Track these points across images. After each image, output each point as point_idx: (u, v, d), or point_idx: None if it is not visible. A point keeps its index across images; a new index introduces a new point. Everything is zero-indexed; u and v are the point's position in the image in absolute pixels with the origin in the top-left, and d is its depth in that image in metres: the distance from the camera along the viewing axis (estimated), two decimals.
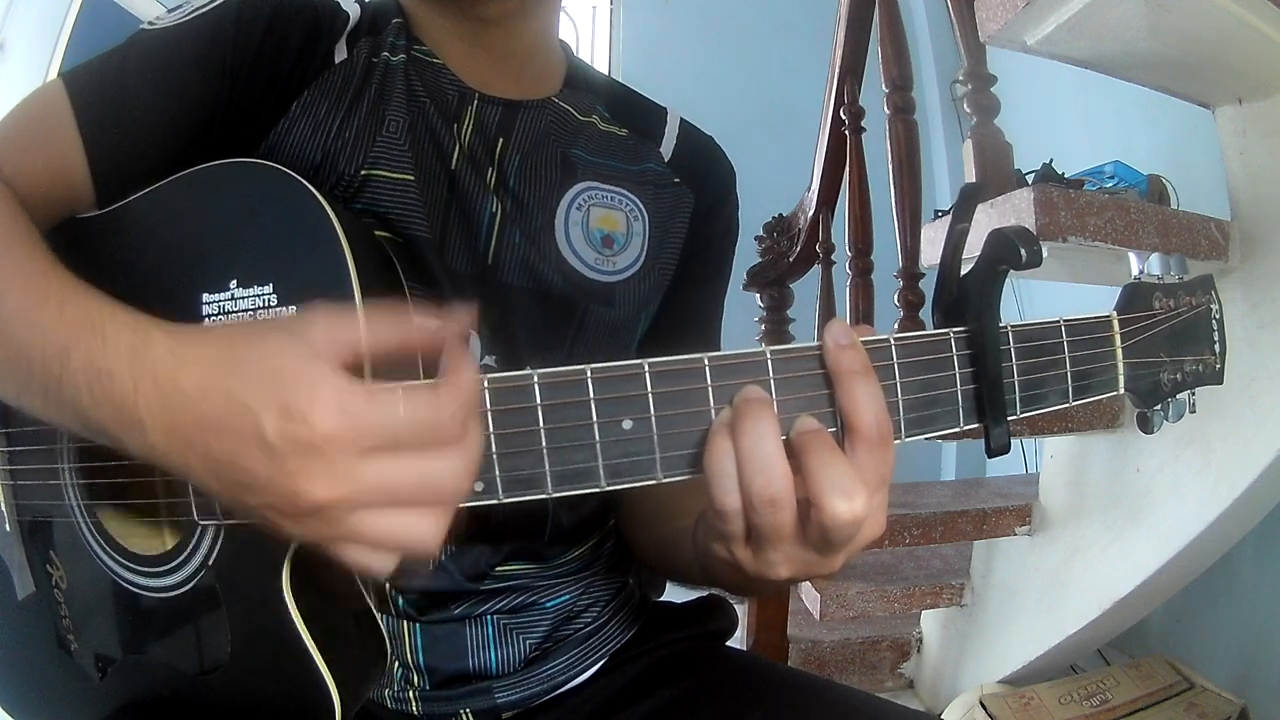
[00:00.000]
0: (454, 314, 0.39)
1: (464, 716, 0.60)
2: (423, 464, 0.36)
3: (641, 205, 0.67)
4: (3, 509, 0.58)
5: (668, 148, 0.71)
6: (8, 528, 0.57)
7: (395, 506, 0.36)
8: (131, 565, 0.52)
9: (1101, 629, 1.43)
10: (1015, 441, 0.42)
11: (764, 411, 0.39)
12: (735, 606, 0.75)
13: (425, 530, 0.37)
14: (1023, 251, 0.39)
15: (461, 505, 0.39)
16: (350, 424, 0.34)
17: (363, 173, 0.58)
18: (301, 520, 0.36)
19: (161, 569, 0.50)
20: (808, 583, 1.61)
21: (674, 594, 0.76)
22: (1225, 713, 1.33)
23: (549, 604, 0.64)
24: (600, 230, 0.65)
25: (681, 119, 0.74)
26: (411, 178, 0.58)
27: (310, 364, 0.35)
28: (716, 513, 0.40)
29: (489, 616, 0.61)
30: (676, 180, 0.70)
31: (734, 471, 0.39)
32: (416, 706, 0.60)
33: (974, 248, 0.43)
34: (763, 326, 1.96)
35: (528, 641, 0.62)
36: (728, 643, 0.72)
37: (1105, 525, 1.36)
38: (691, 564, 0.51)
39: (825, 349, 0.40)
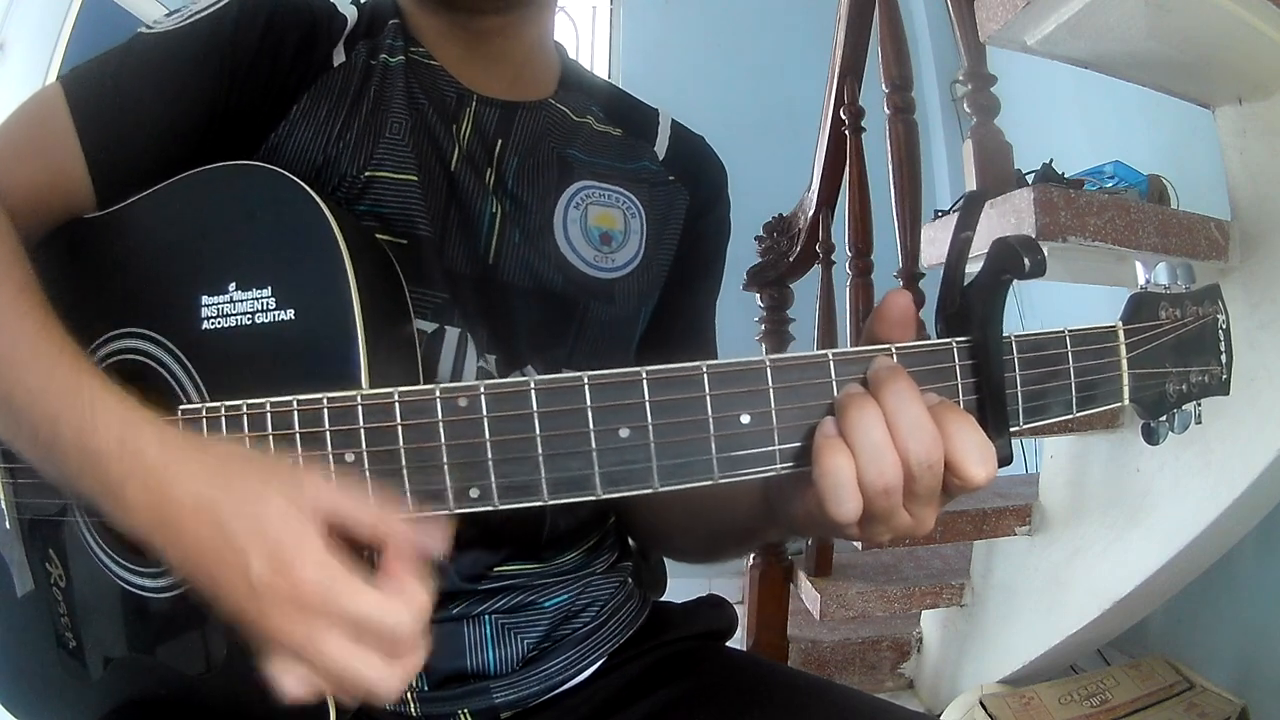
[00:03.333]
0: (433, 528, 0.41)
1: (462, 717, 0.60)
2: (370, 662, 0.39)
3: (638, 203, 0.68)
4: (2, 507, 0.58)
5: (661, 147, 0.72)
6: (7, 525, 0.57)
7: (332, 673, 0.39)
8: (129, 564, 0.52)
9: (1101, 629, 1.43)
10: (1015, 441, 0.41)
11: (869, 404, 0.39)
12: (735, 607, 0.75)
13: (345, 699, 0.40)
14: (1026, 261, 0.39)
15: (457, 512, 0.40)
16: (328, 594, 0.38)
17: (366, 174, 0.58)
18: (254, 638, 0.39)
19: (159, 568, 0.50)
20: (808, 583, 1.61)
21: (674, 594, 0.76)
22: (1225, 713, 1.33)
23: (547, 604, 0.64)
24: (598, 228, 0.65)
25: (673, 120, 0.75)
26: (415, 178, 0.59)
27: (301, 525, 0.38)
28: (833, 524, 0.40)
29: (487, 616, 0.61)
30: (671, 178, 0.71)
31: (852, 475, 0.39)
32: (414, 707, 0.60)
33: (976, 249, 0.42)
34: (763, 326, 1.95)
35: (526, 641, 0.62)
36: (727, 643, 0.72)
37: (1105, 525, 1.36)
38: (737, 538, 0.53)
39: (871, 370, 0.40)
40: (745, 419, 0.40)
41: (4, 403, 0.43)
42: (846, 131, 1.70)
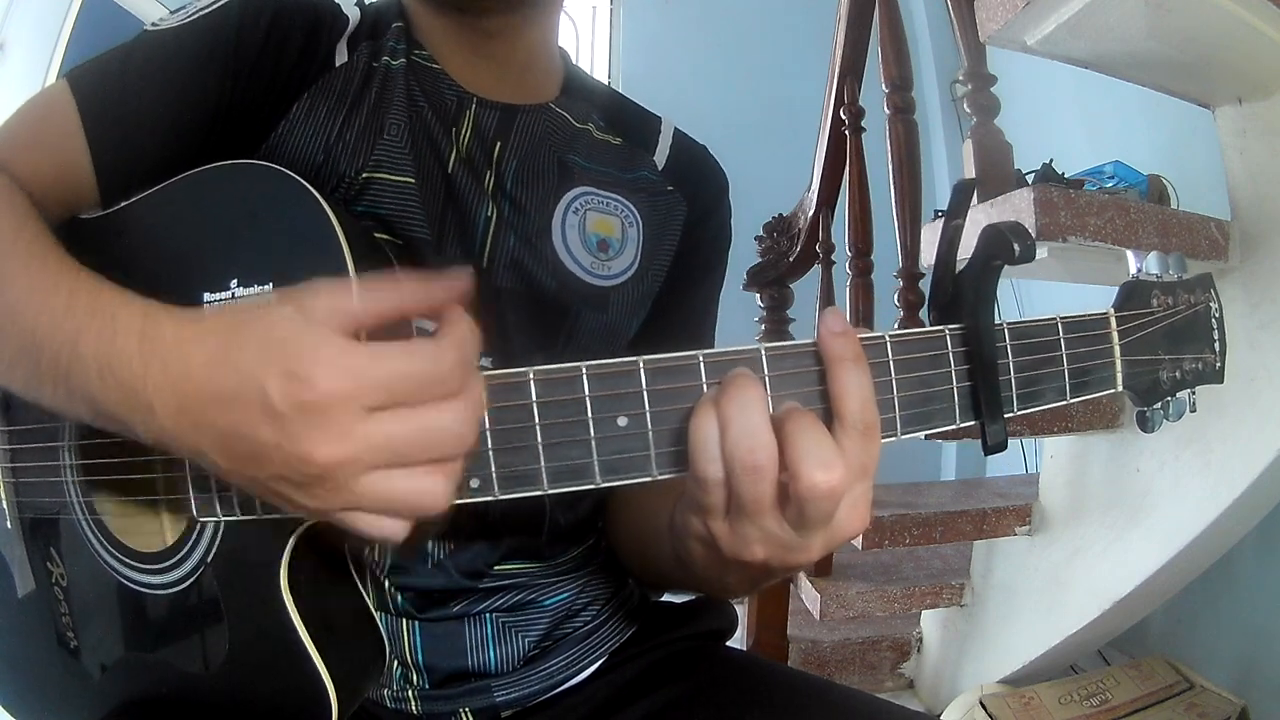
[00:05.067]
0: (448, 278, 0.39)
1: (463, 715, 0.60)
2: (426, 418, 0.36)
3: (636, 212, 0.68)
4: (4, 506, 0.58)
5: (661, 156, 0.72)
6: (9, 524, 0.58)
7: (402, 465, 0.36)
8: (131, 562, 0.52)
9: (1101, 629, 1.43)
10: (1015, 441, 0.42)
11: (752, 383, 0.38)
12: (735, 607, 0.75)
13: (434, 488, 0.37)
14: (1015, 246, 0.39)
15: (458, 502, 0.40)
16: (352, 382, 0.35)
17: (364, 175, 0.58)
18: (311, 488, 0.36)
19: (161, 566, 0.50)
20: (808, 583, 1.61)
21: (672, 594, 0.76)
22: (1225, 713, 1.33)
23: (548, 602, 0.64)
24: (596, 235, 0.65)
25: (675, 128, 0.75)
26: (413, 180, 0.59)
27: (311, 329, 0.35)
28: (697, 482, 0.39)
29: (488, 615, 0.61)
30: (670, 188, 0.71)
31: (717, 438, 0.38)
32: (416, 705, 0.60)
33: (969, 247, 0.43)
34: (763, 326, 1.96)
35: (526, 640, 0.62)
36: (727, 643, 0.72)
37: (1105, 525, 1.36)
38: (670, 559, 0.50)
39: (819, 335, 0.40)
40: None
41: (27, 340, 0.42)
42: (846, 131, 1.70)
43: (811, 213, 1.84)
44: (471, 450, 0.38)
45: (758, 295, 1.97)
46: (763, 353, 0.40)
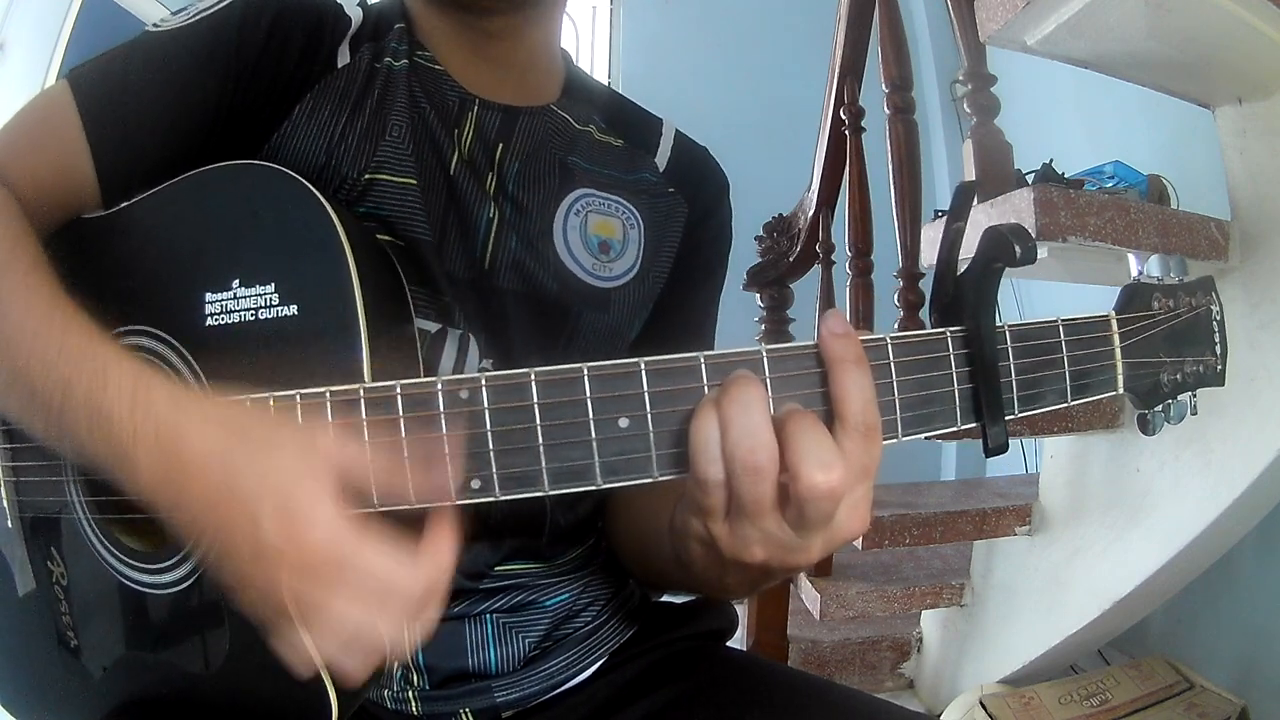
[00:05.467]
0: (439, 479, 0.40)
1: (464, 716, 0.60)
2: (379, 623, 0.38)
3: (637, 214, 0.68)
4: (4, 505, 0.58)
5: (663, 158, 0.72)
6: (9, 524, 0.58)
7: (339, 639, 0.38)
8: (131, 562, 0.52)
9: (1101, 629, 1.43)
10: (1015, 441, 0.42)
11: (753, 384, 0.39)
12: (735, 607, 0.75)
13: (354, 671, 0.40)
14: (1017, 248, 0.39)
15: (460, 503, 0.40)
16: (338, 558, 0.37)
17: (366, 177, 0.58)
18: (260, 605, 0.39)
19: (161, 565, 0.50)
20: (808, 583, 1.61)
21: (672, 595, 0.76)
22: (1225, 713, 1.33)
23: (548, 603, 0.64)
24: (598, 236, 0.65)
25: (676, 130, 0.75)
26: (415, 182, 0.59)
27: (313, 482, 0.37)
28: (698, 483, 0.39)
29: (488, 615, 0.61)
30: (671, 190, 0.71)
31: (718, 439, 0.38)
32: (416, 706, 0.60)
33: (971, 248, 0.43)
34: (763, 326, 1.96)
35: (527, 640, 0.62)
36: (727, 643, 0.72)
37: (1105, 525, 1.36)
38: (669, 560, 0.50)
39: (820, 337, 0.40)
40: None
41: (19, 373, 0.43)
42: (846, 131, 1.70)
43: (811, 213, 1.84)
44: (474, 451, 0.39)
45: (758, 295, 1.97)
46: (764, 354, 0.40)
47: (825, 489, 0.37)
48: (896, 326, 1.41)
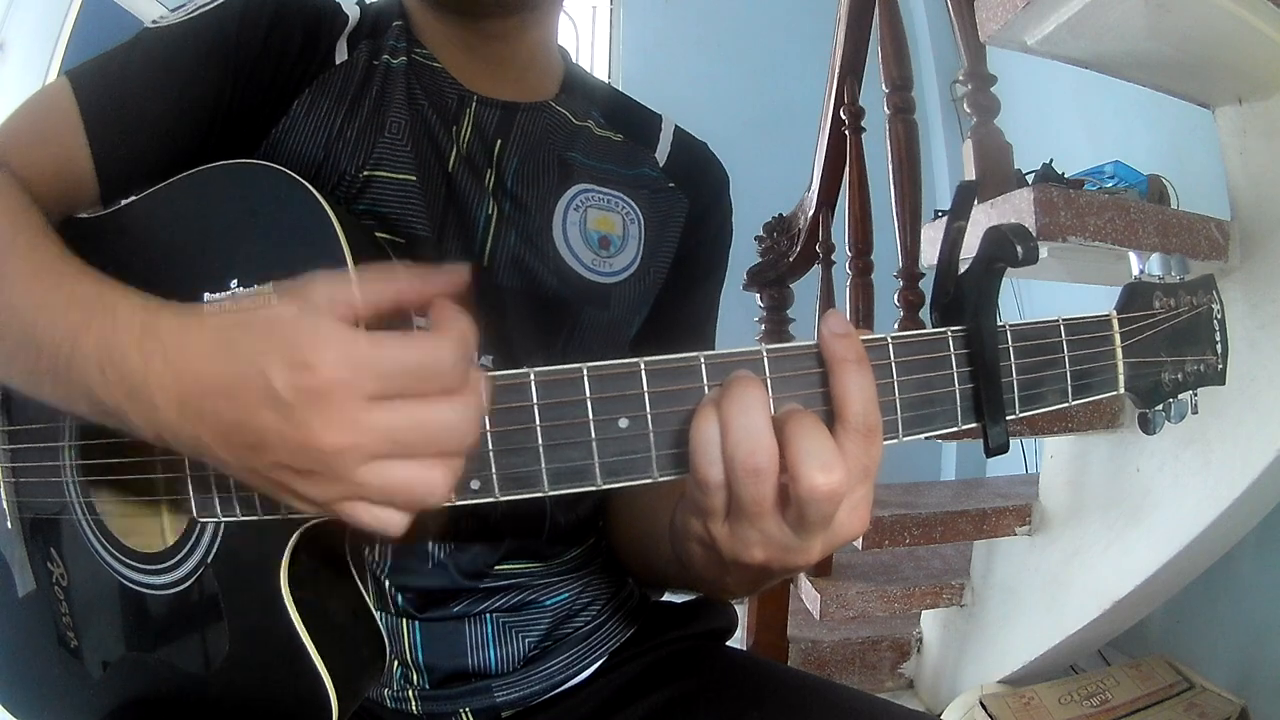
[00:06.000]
0: (447, 272, 0.39)
1: (464, 716, 0.60)
2: (427, 410, 0.36)
3: (637, 209, 0.68)
4: (4, 505, 0.58)
5: (662, 153, 0.72)
6: (9, 525, 0.58)
7: (403, 456, 0.36)
8: (131, 562, 0.52)
9: (1101, 629, 1.43)
10: (1015, 441, 0.41)
11: (753, 385, 0.38)
12: (735, 607, 0.75)
13: (433, 480, 0.37)
14: (1018, 248, 0.39)
15: (458, 503, 0.40)
16: (356, 370, 0.35)
17: (365, 173, 0.58)
18: (312, 477, 0.36)
19: (161, 566, 0.50)
20: (808, 583, 1.61)
21: (674, 594, 0.76)
22: (1225, 713, 1.33)
23: (548, 602, 0.64)
24: (597, 232, 0.65)
25: (676, 125, 0.75)
26: (414, 178, 0.59)
27: (314, 318, 0.36)
28: (698, 484, 0.39)
29: (488, 615, 0.61)
30: (671, 185, 0.70)
31: (718, 440, 0.38)
32: (416, 705, 0.60)
33: (971, 248, 0.43)
34: (763, 326, 1.96)
35: (527, 640, 0.62)
36: (727, 643, 0.72)
37: (1105, 525, 1.36)
38: (669, 559, 0.50)
39: (821, 337, 0.40)
40: None
41: (27, 335, 0.42)
42: (846, 131, 1.70)
43: (811, 213, 1.84)
44: (472, 451, 0.38)
45: (758, 295, 1.97)
46: (764, 354, 0.40)
47: (826, 490, 0.37)
48: (896, 326, 1.41)
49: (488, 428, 0.39)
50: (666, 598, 0.74)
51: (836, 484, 0.37)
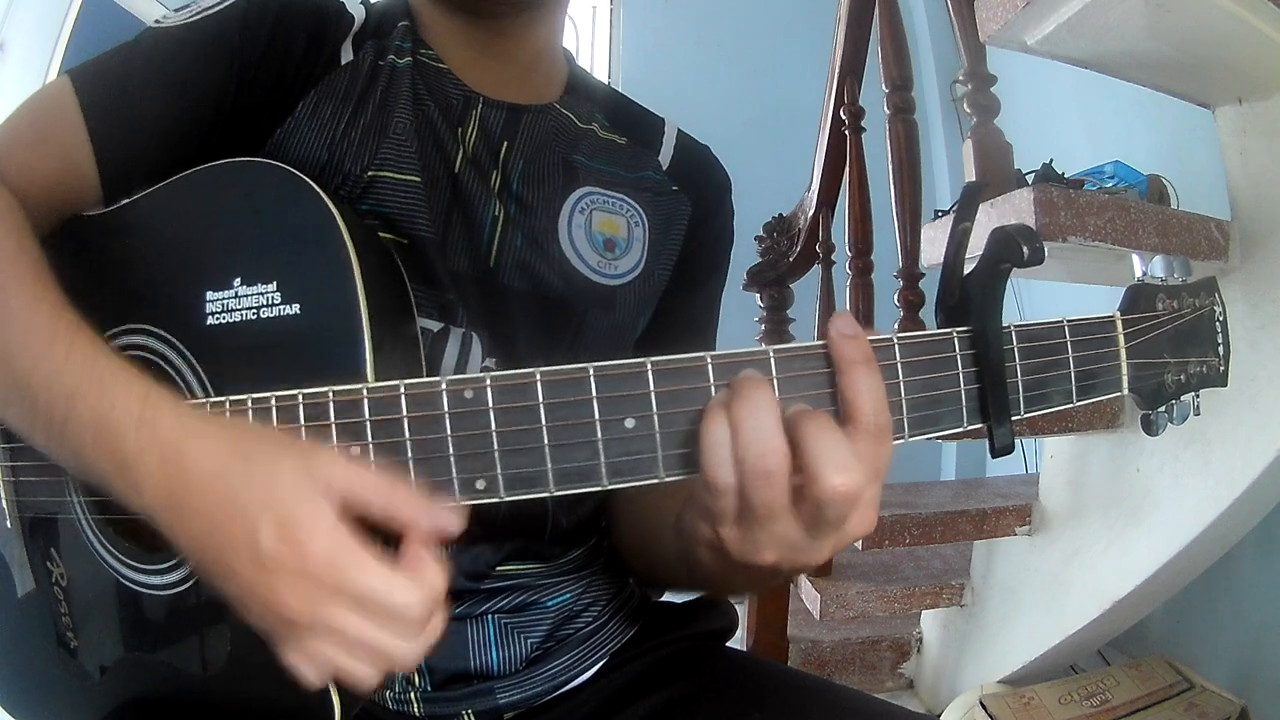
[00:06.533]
0: (441, 514, 0.40)
1: (466, 717, 0.60)
2: (379, 635, 0.39)
3: (641, 211, 0.68)
4: (3, 505, 0.58)
5: (665, 156, 0.72)
6: (8, 524, 0.57)
7: (346, 649, 0.39)
8: (132, 562, 0.52)
9: (1101, 629, 1.43)
10: (1015, 441, 0.41)
11: (762, 386, 0.38)
12: (735, 607, 0.75)
13: (363, 678, 0.40)
14: (1025, 249, 0.39)
15: (464, 503, 0.40)
16: (335, 570, 0.37)
17: (369, 173, 0.58)
18: (263, 618, 0.39)
19: (161, 566, 0.50)
20: (808, 583, 1.61)
21: (674, 594, 0.76)
22: (1225, 713, 1.33)
23: (550, 603, 0.64)
24: (602, 234, 0.65)
25: (678, 129, 0.75)
26: (418, 179, 0.59)
27: (313, 497, 0.38)
28: (709, 487, 0.39)
29: (490, 616, 0.61)
30: (674, 188, 0.71)
31: (729, 443, 0.38)
32: (418, 708, 0.60)
33: (975, 249, 0.43)
34: (763, 326, 1.96)
35: (529, 641, 0.62)
36: (727, 643, 0.72)
37: (1105, 525, 1.36)
38: (673, 559, 0.50)
39: (830, 339, 0.40)
40: None
41: (21, 383, 0.43)
42: (846, 131, 1.70)
43: (811, 213, 1.84)
44: (478, 452, 0.39)
45: (758, 295, 1.96)
46: (771, 355, 0.40)
47: (844, 492, 0.37)
48: (896, 326, 1.41)
49: (493, 427, 0.39)
50: (667, 598, 0.74)
51: (855, 485, 0.37)
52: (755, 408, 0.38)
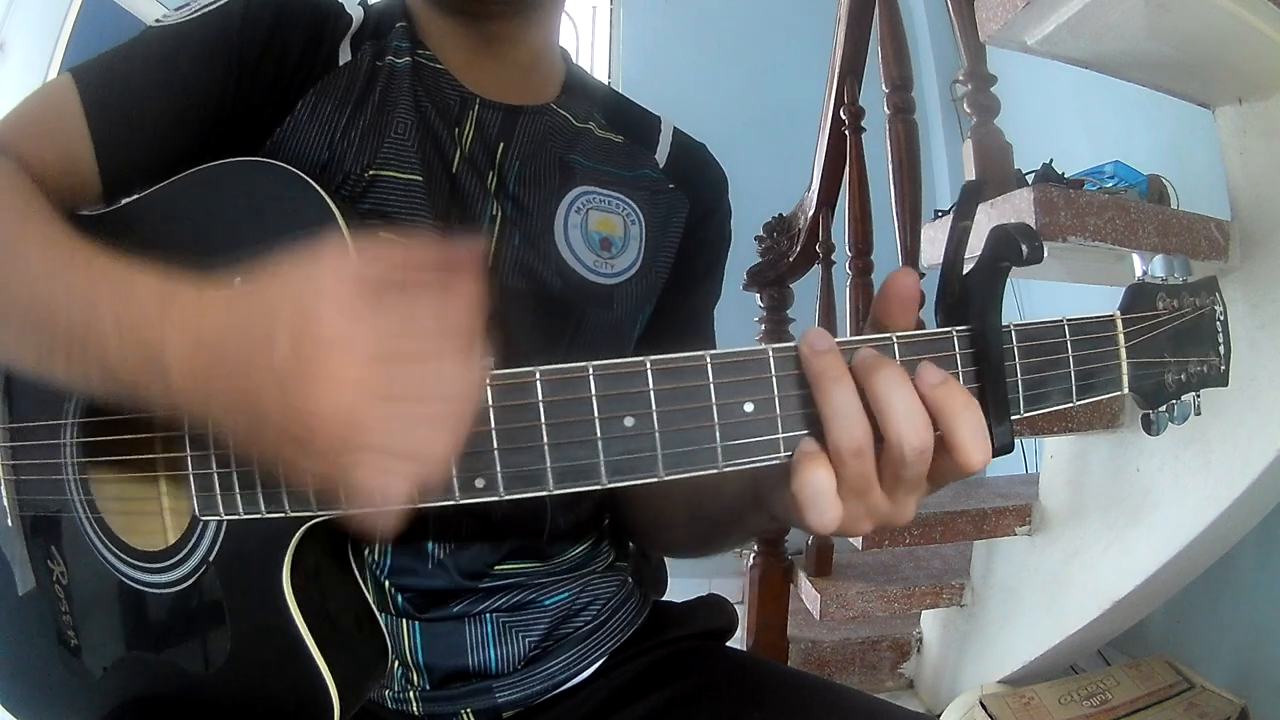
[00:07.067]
0: (461, 244, 0.39)
1: (464, 716, 0.60)
2: (427, 366, 0.36)
3: (638, 210, 0.68)
4: (4, 503, 0.58)
5: (662, 155, 0.72)
6: (9, 522, 0.57)
7: (402, 416, 0.36)
8: (133, 561, 0.52)
9: (1101, 629, 1.43)
10: (1015, 441, 0.41)
11: (895, 366, 0.39)
12: (735, 606, 0.75)
13: (437, 441, 0.37)
14: (1024, 247, 0.39)
15: (463, 502, 0.40)
16: (356, 325, 0.35)
17: (370, 173, 0.58)
18: (315, 447, 0.36)
19: (163, 565, 0.50)
20: (808, 583, 1.62)
21: (674, 594, 0.76)
22: (1225, 713, 1.33)
23: (548, 602, 0.64)
24: (599, 233, 0.65)
25: (675, 127, 0.75)
26: (419, 178, 0.59)
27: (316, 293, 0.36)
28: (812, 527, 0.40)
29: (488, 615, 0.61)
30: (671, 186, 0.71)
31: (832, 486, 0.39)
32: (417, 706, 0.60)
33: (975, 249, 0.43)
34: (762, 326, 1.96)
35: (527, 640, 0.62)
36: (727, 643, 0.72)
37: (1105, 525, 1.36)
38: (738, 502, 0.51)
39: (801, 355, 0.40)
40: (748, 408, 0.40)
41: (42, 305, 0.43)
42: (846, 131, 1.70)
43: (811, 213, 1.84)
44: (478, 450, 0.39)
45: (758, 295, 1.96)
46: (770, 354, 0.40)
47: (981, 464, 0.39)
48: None
49: (492, 425, 0.39)
50: (666, 598, 0.74)
51: (989, 456, 0.40)
52: (894, 384, 0.39)
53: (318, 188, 0.46)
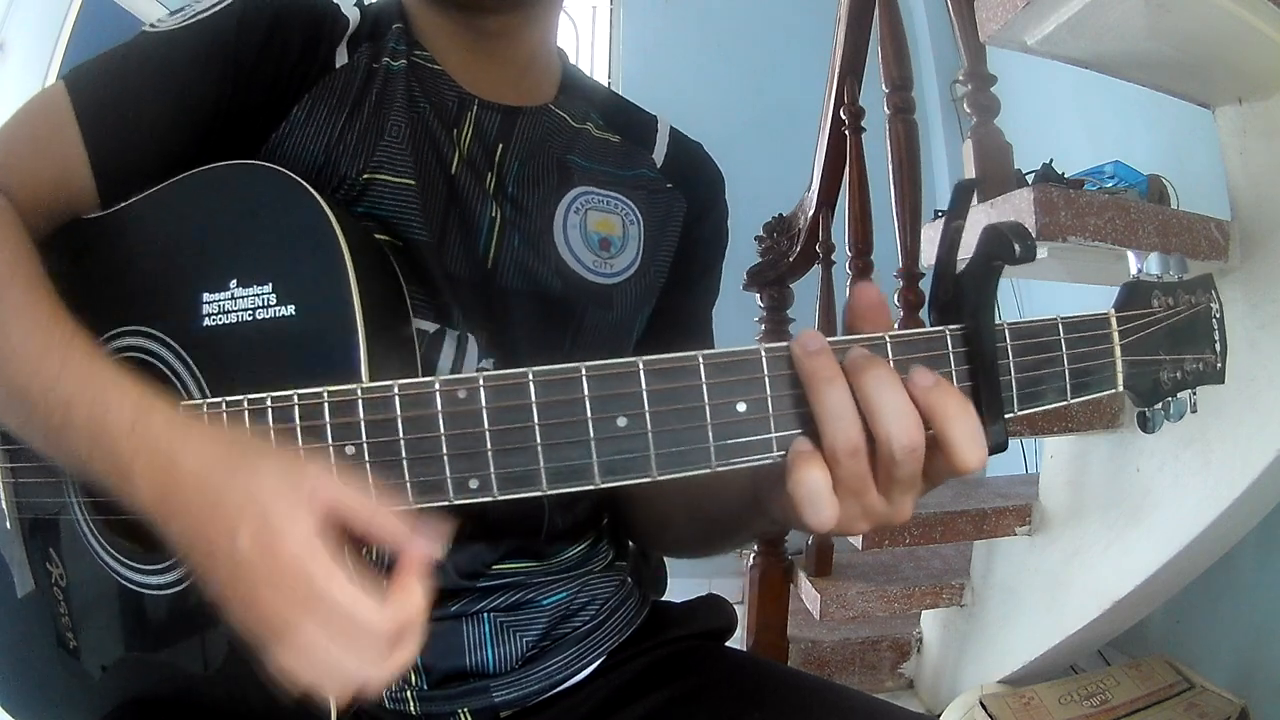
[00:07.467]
0: (431, 528, 0.40)
1: (462, 716, 0.60)
2: (345, 654, 0.38)
3: (636, 209, 0.68)
4: (3, 506, 0.58)
5: (659, 154, 0.72)
6: (8, 525, 0.58)
7: (323, 649, 0.38)
8: (130, 562, 0.52)
9: (1101, 629, 1.43)
10: (1015, 441, 0.41)
11: (885, 365, 0.40)
12: (735, 606, 0.75)
13: (330, 691, 0.40)
14: (1016, 246, 0.39)
15: (457, 503, 0.40)
16: (306, 576, 0.38)
17: (364, 176, 0.58)
18: (249, 619, 0.40)
19: (160, 566, 0.50)
20: (808, 583, 1.61)
21: (674, 594, 0.76)
22: (1225, 713, 1.33)
23: (545, 601, 0.64)
24: (598, 233, 0.65)
25: (671, 126, 0.75)
26: (413, 182, 0.59)
27: (293, 506, 0.38)
28: (809, 525, 0.40)
29: (486, 614, 0.61)
30: (669, 186, 0.71)
31: (828, 485, 0.39)
32: (414, 706, 0.60)
33: (970, 247, 0.43)
34: (762, 326, 1.95)
35: (525, 639, 0.62)
36: (727, 643, 0.72)
37: (1105, 525, 1.36)
38: (738, 503, 0.52)
39: (794, 355, 0.40)
40: (741, 407, 0.40)
41: (19, 392, 0.45)
42: (846, 131, 1.70)
43: (811, 213, 1.84)
44: (472, 451, 0.39)
45: (758, 295, 1.96)
46: (763, 353, 0.40)
47: (977, 464, 0.40)
48: (897, 326, 1.40)
49: (486, 426, 0.40)
50: (666, 598, 0.74)
51: (985, 456, 0.40)
52: (885, 384, 0.39)
53: (312, 191, 0.47)
